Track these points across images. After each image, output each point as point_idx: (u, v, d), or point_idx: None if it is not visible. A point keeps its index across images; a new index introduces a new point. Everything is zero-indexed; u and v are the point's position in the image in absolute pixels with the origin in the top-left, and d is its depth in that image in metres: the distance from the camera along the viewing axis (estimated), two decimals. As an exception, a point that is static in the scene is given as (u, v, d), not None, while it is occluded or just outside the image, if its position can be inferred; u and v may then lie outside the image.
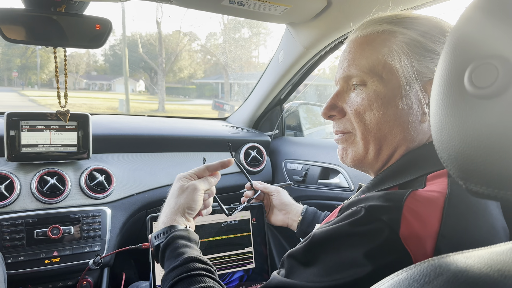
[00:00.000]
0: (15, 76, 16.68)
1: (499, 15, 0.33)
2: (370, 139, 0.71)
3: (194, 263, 0.75)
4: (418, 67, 0.66)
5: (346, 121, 0.75)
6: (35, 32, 1.09)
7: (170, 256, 0.78)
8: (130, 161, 1.55)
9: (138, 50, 14.55)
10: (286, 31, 1.56)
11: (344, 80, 0.75)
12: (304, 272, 0.59)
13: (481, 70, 0.33)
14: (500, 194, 0.33)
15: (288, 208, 1.22)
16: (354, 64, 0.72)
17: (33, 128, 1.33)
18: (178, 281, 0.72)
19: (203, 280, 0.72)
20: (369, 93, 0.70)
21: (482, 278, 0.30)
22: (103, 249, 1.34)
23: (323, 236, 0.60)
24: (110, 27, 1.09)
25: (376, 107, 0.69)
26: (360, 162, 0.75)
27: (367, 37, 0.72)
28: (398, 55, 0.67)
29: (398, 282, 0.34)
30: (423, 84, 0.67)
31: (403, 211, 0.55)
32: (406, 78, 0.67)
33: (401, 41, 0.67)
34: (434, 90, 0.39)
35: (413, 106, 0.67)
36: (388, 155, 0.71)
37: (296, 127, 2.21)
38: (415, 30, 0.68)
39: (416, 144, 0.69)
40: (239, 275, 1.23)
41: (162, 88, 13.85)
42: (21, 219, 1.25)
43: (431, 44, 0.66)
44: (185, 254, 0.77)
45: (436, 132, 0.38)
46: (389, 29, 0.69)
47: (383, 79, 0.68)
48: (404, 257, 0.52)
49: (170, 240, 0.80)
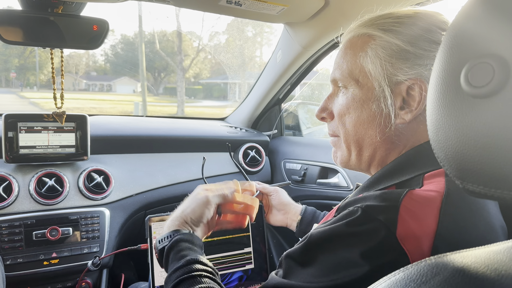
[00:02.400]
0: (13, 77, 16.57)
1: (494, 14, 0.33)
2: (350, 142, 0.75)
3: (196, 265, 0.76)
4: (391, 70, 0.67)
5: (334, 123, 0.79)
6: (32, 33, 1.09)
7: (174, 258, 0.79)
8: (128, 162, 1.55)
9: (154, 47, 13.01)
10: (284, 31, 1.56)
11: (333, 83, 0.78)
12: (301, 272, 0.59)
13: (477, 69, 0.33)
14: (497, 193, 0.33)
15: (287, 208, 1.21)
16: (338, 68, 0.75)
17: (31, 129, 1.33)
18: (180, 282, 0.73)
19: (203, 281, 0.73)
20: (348, 97, 0.73)
21: (479, 278, 0.30)
22: (102, 250, 1.34)
23: (320, 236, 0.60)
24: (107, 27, 1.09)
25: (353, 110, 0.72)
26: (346, 164, 0.79)
27: (350, 41, 0.74)
28: (371, 59, 0.69)
29: (395, 282, 0.34)
30: (394, 87, 0.67)
31: (400, 211, 0.55)
32: (378, 81, 0.68)
33: (377, 45, 0.68)
34: (430, 90, 0.39)
35: (384, 108, 0.68)
36: (370, 156, 0.73)
37: (294, 126, 2.21)
38: (392, 32, 0.68)
39: (398, 145, 0.70)
40: (238, 276, 1.23)
41: (182, 89, 12.09)
42: (19, 220, 1.25)
43: (408, 47, 0.66)
44: (188, 256, 0.78)
45: (433, 131, 0.38)
46: (368, 32, 0.71)
47: (359, 83, 0.71)
48: (401, 257, 0.52)
49: (174, 244, 0.81)
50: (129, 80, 20.70)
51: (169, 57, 13.22)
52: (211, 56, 17.37)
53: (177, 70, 11.94)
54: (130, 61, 14.03)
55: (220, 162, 1.74)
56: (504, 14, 0.32)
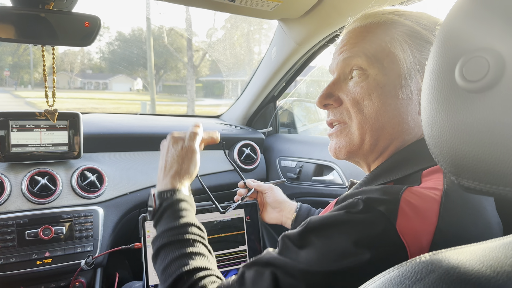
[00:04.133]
0: (7, 75, 16.38)
1: (488, 8, 0.32)
2: (367, 129, 0.69)
3: (192, 228, 0.79)
4: (420, 58, 0.66)
5: (343, 109, 0.73)
6: (23, 30, 1.07)
7: (171, 215, 0.81)
8: (122, 160, 1.54)
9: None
10: (278, 27, 1.55)
11: (342, 66, 0.73)
12: (297, 252, 0.59)
13: (471, 63, 0.33)
14: (492, 189, 0.32)
15: (282, 205, 1.21)
16: (356, 47, 0.70)
17: (23, 127, 1.31)
18: (173, 242, 0.76)
19: (196, 246, 0.76)
20: (369, 82, 0.68)
21: (474, 275, 0.29)
22: (96, 249, 1.33)
23: (319, 221, 0.59)
24: (99, 24, 1.08)
25: (376, 96, 0.67)
26: (354, 153, 0.73)
27: (368, 26, 0.71)
28: (401, 44, 0.66)
29: (389, 280, 0.33)
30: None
31: (401, 203, 0.54)
32: (407, 67, 0.66)
33: (402, 32, 0.67)
34: (425, 85, 0.38)
35: (413, 97, 0.67)
36: (384, 146, 0.70)
37: (290, 124, 2.21)
38: (416, 22, 0.68)
39: (412, 137, 0.69)
40: (234, 273, 1.22)
41: (192, 87, 10.73)
42: (11, 220, 1.23)
43: (431, 37, 0.67)
44: (186, 217, 0.81)
45: (427, 127, 0.38)
46: (391, 19, 0.69)
47: (384, 67, 0.67)
48: (399, 250, 0.52)
49: (175, 201, 0.83)
50: (125, 78, 20.47)
51: (177, 53, 12.66)
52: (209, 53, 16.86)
53: (187, 67, 10.99)
54: (127, 59, 13.80)
55: (214, 160, 1.73)
56: (497, 8, 0.32)
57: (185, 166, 0.91)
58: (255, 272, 0.62)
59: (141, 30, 15.75)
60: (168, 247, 0.76)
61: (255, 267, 0.63)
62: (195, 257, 0.73)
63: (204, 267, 0.72)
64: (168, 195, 0.85)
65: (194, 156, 0.93)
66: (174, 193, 0.85)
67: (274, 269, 0.59)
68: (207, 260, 0.75)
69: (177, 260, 0.73)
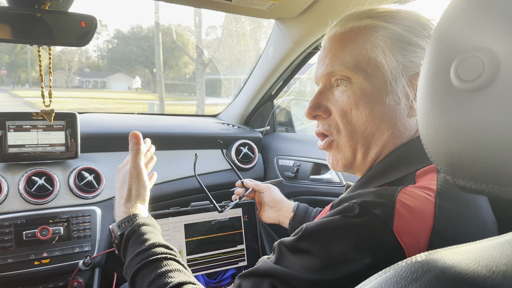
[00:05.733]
0: (4, 74, 16.26)
1: (483, 8, 0.32)
2: (357, 140, 0.70)
3: (160, 248, 0.76)
4: (403, 61, 0.66)
5: (331, 121, 0.73)
6: (19, 30, 1.07)
7: (135, 242, 0.78)
8: (119, 160, 1.53)
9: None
10: (275, 27, 1.55)
11: (327, 77, 0.73)
12: (294, 261, 0.58)
13: (467, 63, 0.33)
14: (488, 188, 0.32)
15: (279, 205, 1.21)
16: (337, 59, 0.70)
17: (19, 128, 1.31)
18: (144, 266, 0.73)
19: (169, 264, 0.73)
20: (355, 91, 0.68)
21: (470, 274, 0.29)
22: (94, 249, 1.32)
23: (315, 228, 0.59)
24: (96, 24, 1.08)
25: (363, 104, 0.67)
26: (350, 167, 0.74)
27: (348, 33, 0.70)
28: (382, 49, 0.66)
29: (385, 280, 0.33)
30: (409, 78, 0.66)
31: (396, 205, 0.54)
32: (391, 73, 0.66)
33: (384, 36, 0.66)
34: (420, 85, 0.38)
35: (400, 102, 0.67)
36: (376, 154, 0.70)
37: (287, 123, 2.21)
38: (397, 24, 0.67)
39: (403, 140, 0.69)
40: (232, 273, 1.22)
41: (202, 86, 9.82)
42: (9, 220, 1.23)
43: (414, 38, 0.66)
44: (151, 239, 0.78)
45: (423, 127, 0.38)
46: (371, 23, 0.68)
47: (368, 75, 0.67)
48: (398, 252, 0.52)
49: (135, 228, 0.81)
50: (124, 76, 20.30)
51: (185, 50, 12.08)
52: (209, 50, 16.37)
53: (197, 64, 10.03)
54: (125, 57, 13.64)
55: (212, 159, 1.73)
56: (492, 7, 0.32)
57: (134, 190, 0.89)
58: (253, 283, 0.61)
59: (140, 28, 15.57)
60: (141, 272, 0.73)
61: (253, 278, 0.62)
62: (172, 275, 0.71)
63: (186, 282, 0.70)
64: (126, 224, 0.83)
65: (139, 177, 0.91)
66: (131, 220, 0.83)
67: (272, 279, 0.58)
68: (186, 275, 0.73)
69: (154, 282, 0.70)
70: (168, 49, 13.04)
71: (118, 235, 0.83)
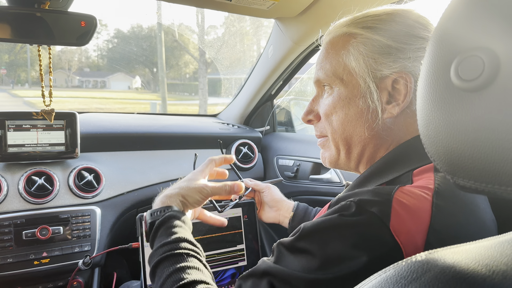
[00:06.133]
0: (3, 74, 16.20)
1: (483, 8, 0.32)
2: (338, 141, 0.75)
3: (184, 243, 0.77)
4: (375, 66, 0.68)
5: (322, 124, 0.79)
6: (19, 29, 1.07)
7: (163, 233, 0.79)
8: (119, 160, 1.54)
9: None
10: (275, 26, 1.55)
11: (317, 84, 0.79)
12: (293, 260, 0.58)
13: (467, 63, 0.33)
14: (487, 188, 0.32)
15: (279, 204, 1.21)
16: (321, 69, 0.75)
17: (19, 127, 1.31)
18: (165, 258, 0.74)
19: (189, 260, 0.74)
20: (334, 96, 0.73)
21: (470, 274, 0.29)
22: (93, 249, 1.32)
23: (313, 227, 0.59)
24: (95, 23, 1.08)
25: (339, 108, 0.73)
26: (335, 164, 0.80)
27: (331, 41, 0.75)
28: (354, 56, 0.69)
29: (385, 279, 0.33)
30: (379, 82, 0.68)
31: (393, 203, 0.55)
32: (362, 77, 0.69)
33: (358, 42, 0.69)
34: (420, 85, 0.38)
35: (371, 104, 0.69)
36: (359, 153, 0.74)
37: (287, 122, 2.21)
38: (373, 30, 0.69)
39: (386, 141, 0.70)
40: (231, 273, 1.22)
41: (205, 86, 9.79)
42: (8, 220, 1.23)
43: (390, 42, 0.67)
44: (178, 233, 0.79)
45: (423, 126, 0.38)
46: (348, 31, 0.72)
47: (344, 81, 0.72)
48: (394, 250, 0.52)
49: (166, 219, 0.82)
50: (124, 76, 20.23)
51: (187, 49, 11.88)
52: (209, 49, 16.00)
53: (199, 64, 9.98)
54: (125, 57, 13.55)
55: (212, 159, 1.73)
56: (492, 7, 0.32)
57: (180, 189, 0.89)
58: (252, 284, 0.61)
59: (140, 27, 15.48)
60: (162, 263, 0.74)
61: (252, 279, 0.62)
62: (190, 271, 0.72)
63: (200, 280, 0.70)
64: (158, 214, 0.84)
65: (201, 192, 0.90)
66: (164, 211, 0.84)
67: (270, 278, 0.58)
68: (203, 274, 0.73)
69: (171, 275, 0.71)
70: (168, 49, 12.97)
71: (149, 223, 0.84)
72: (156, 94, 16.23)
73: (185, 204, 0.88)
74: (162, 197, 0.89)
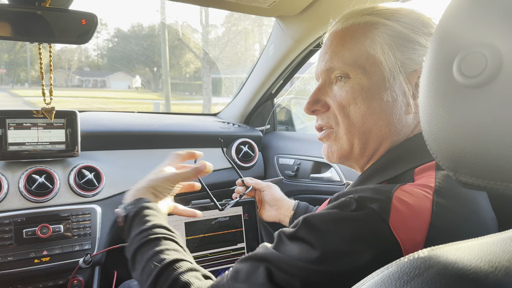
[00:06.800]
0: (3, 73, 16.14)
1: (485, 3, 0.32)
2: (355, 134, 0.70)
3: (160, 229, 0.79)
4: (402, 58, 0.66)
5: (330, 114, 0.74)
6: (19, 27, 1.07)
7: (138, 223, 0.81)
8: (120, 158, 1.53)
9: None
10: (275, 25, 1.55)
11: (326, 74, 0.74)
12: (291, 248, 0.58)
13: (469, 59, 0.33)
14: (490, 184, 0.32)
15: (279, 203, 1.21)
16: (336, 56, 0.71)
17: (20, 126, 1.31)
18: (144, 243, 0.75)
19: (167, 243, 0.76)
20: (353, 86, 0.69)
21: (472, 270, 0.29)
22: (94, 248, 1.32)
23: (314, 219, 0.59)
24: (96, 22, 1.07)
25: (361, 100, 0.68)
26: (346, 158, 0.74)
27: (349, 29, 0.71)
28: (381, 46, 0.67)
29: (388, 275, 0.33)
30: (407, 75, 0.67)
31: (393, 200, 0.55)
32: (390, 69, 0.66)
33: (383, 32, 0.67)
34: (422, 81, 0.38)
35: (397, 98, 0.67)
36: (374, 149, 0.71)
37: (287, 121, 2.21)
38: (397, 21, 0.67)
39: (401, 137, 0.69)
40: (232, 271, 1.22)
41: (209, 86, 9.51)
42: (9, 218, 1.23)
43: (413, 35, 0.66)
44: (152, 221, 0.80)
45: (425, 123, 0.37)
46: (371, 20, 0.69)
47: (366, 71, 0.68)
48: (393, 247, 0.52)
49: (140, 210, 0.83)
50: (124, 75, 20.17)
51: (189, 48, 11.76)
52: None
53: (203, 63, 9.65)
54: (125, 56, 13.45)
55: (212, 157, 1.72)
56: (494, 3, 0.32)
57: (156, 183, 0.91)
58: (250, 267, 0.61)
59: (141, 26, 15.39)
60: (141, 249, 0.75)
61: (250, 262, 0.63)
62: (169, 253, 0.73)
63: (180, 259, 0.72)
64: (131, 207, 0.85)
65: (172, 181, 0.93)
66: (136, 203, 0.85)
67: (268, 264, 0.58)
68: (183, 255, 0.75)
69: (152, 258, 0.72)
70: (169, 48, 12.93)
71: (123, 216, 0.85)
72: (156, 93, 16.13)
73: (156, 195, 0.90)
74: (133, 192, 0.90)
